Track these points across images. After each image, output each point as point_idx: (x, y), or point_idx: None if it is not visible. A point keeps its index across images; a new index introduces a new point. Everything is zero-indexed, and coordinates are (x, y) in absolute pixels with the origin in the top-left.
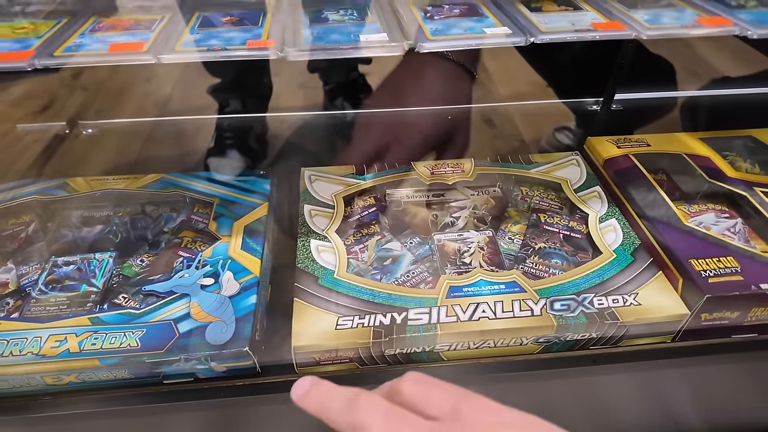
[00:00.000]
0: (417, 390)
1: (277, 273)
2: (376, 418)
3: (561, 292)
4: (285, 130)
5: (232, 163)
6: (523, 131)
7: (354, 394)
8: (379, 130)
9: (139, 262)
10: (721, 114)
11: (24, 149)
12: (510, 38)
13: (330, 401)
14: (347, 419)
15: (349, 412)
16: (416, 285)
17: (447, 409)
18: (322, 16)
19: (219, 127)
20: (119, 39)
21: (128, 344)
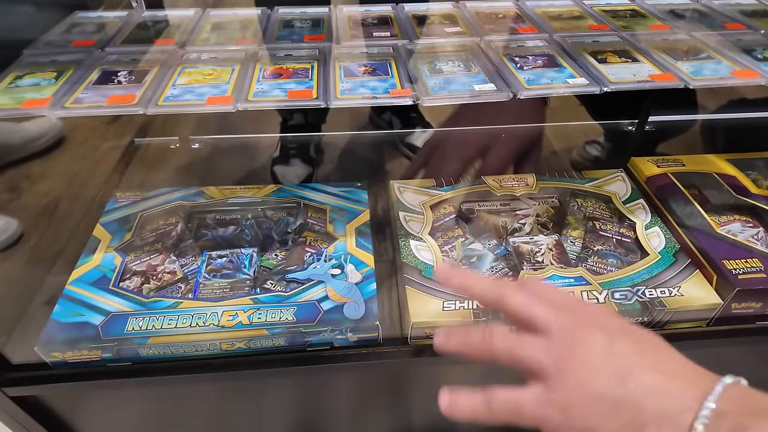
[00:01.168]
0: (541, 287)
1: (380, 265)
2: (518, 290)
3: (619, 285)
4: (339, 141)
5: (296, 171)
6: (555, 143)
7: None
8: (472, 144)
9: (274, 256)
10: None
11: (142, 159)
12: (588, 88)
13: (473, 283)
14: (493, 289)
15: (495, 286)
16: (500, 278)
17: (571, 303)
18: (437, 67)
19: (283, 138)
20: (291, 86)
21: (286, 318)
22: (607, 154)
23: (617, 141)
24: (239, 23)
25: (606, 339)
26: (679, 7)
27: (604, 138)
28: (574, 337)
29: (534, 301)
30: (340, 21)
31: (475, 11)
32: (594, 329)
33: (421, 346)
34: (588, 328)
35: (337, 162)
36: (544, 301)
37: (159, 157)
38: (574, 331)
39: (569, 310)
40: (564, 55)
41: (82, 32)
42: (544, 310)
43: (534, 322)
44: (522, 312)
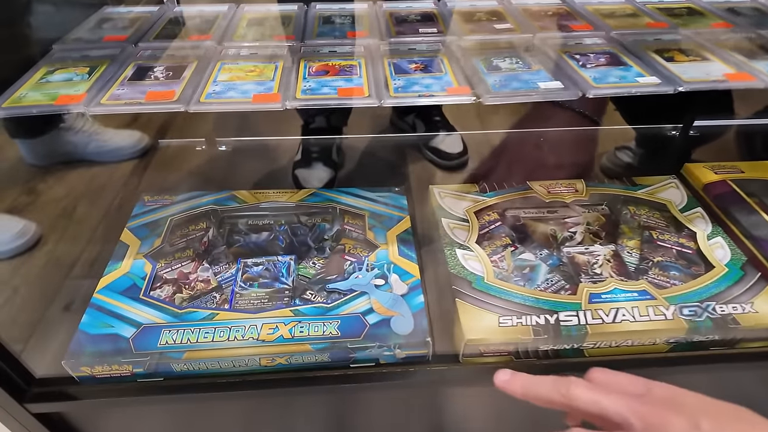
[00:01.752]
0: (607, 377)
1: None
2: (583, 386)
3: (686, 300)
4: (361, 144)
5: (318, 175)
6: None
7: (557, 378)
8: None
9: (312, 264)
10: None
11: (161, 161)
12: (660, 87)
13: (536, 383)
14: (559, 390)
15: (559, 385)
16: (557, 291)
17: (640, 387)
18: (493, 64)
19: (305, 141)
20: (341, 84)
21: (330, 332)
22: (638, 161)
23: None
24: (276, 19)
25: (689, 422)
26: (737, 5)
27: (636, 144)
28: (655, 425)
29: (604, 396)
30: (381, 17)
31: (522, 8)
32: (674, 413)
33: (473, 365)
34: (668, 412)
35: (360, 165)
36: (615, 394)
37: (178, 159)
38: (653, 418)
39: (642, 397)
40: (627, 53)
41: (113, 27)
42: (617, 403)
43: (610, 418)
44: (595, 409)
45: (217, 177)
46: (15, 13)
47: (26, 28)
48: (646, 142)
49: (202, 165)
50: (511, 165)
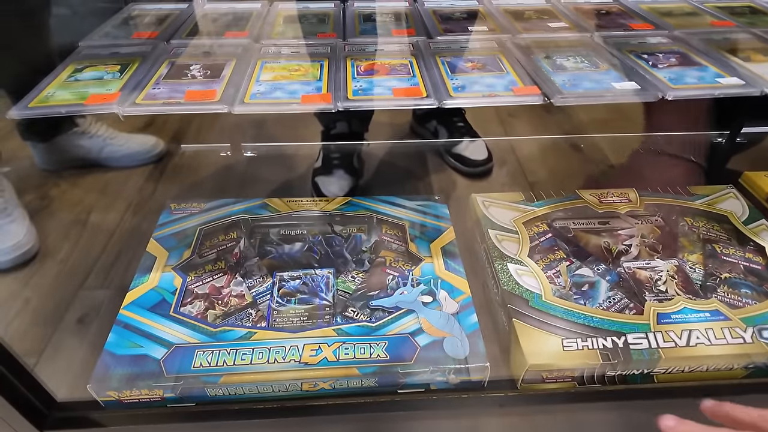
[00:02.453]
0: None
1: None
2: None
3: (765, 321)
4: (381, 151)
5: (339, 183)
6: (611, 157)
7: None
8: None
9: (351, 278)
10: None
11: (185, 167)
12: (744, 89)
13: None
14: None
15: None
16: (621, 310)
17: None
18: (557, 64)
19: (325, 147)
20: (394, 84)
21: (377, 355)
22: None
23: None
24: (313, 16)
25: None
26: None
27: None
28: None
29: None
30: (425, 15)
31: (573, 6)
32: None
33: (533, 392)
34: None
35: (380, 173)
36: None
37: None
38: None
39: None
40: (698, 53)
41: (141, 24)
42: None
43: None
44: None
45: (233, 184)
46: (38, 7)
47: (49, 24)
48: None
49: (218, 171)
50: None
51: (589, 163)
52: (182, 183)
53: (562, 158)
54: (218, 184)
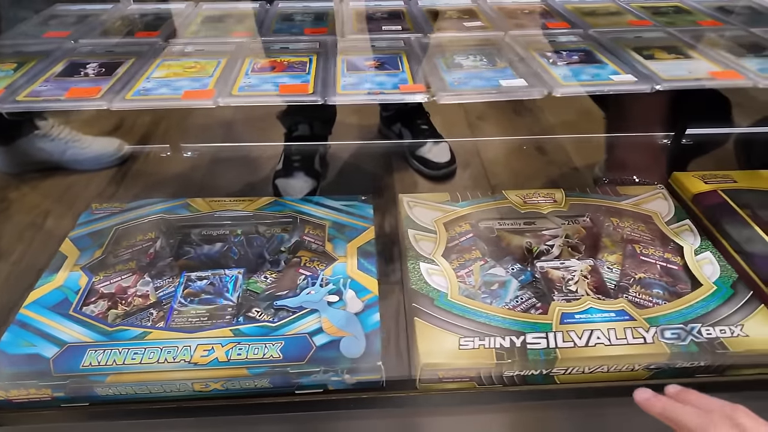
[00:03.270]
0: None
1: (385, 291)
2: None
3: (669, 322)
4: (345, 153)
5: (299, 185)
6: (575, 159)
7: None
8: None
9: (263, 279)
10: None
11: (159, 170)
12: (636, 86)
13: (677, 410)
14: (698, 421)
15: (701, 416)
16: (527, 310)
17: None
18: (455, 62)
19: (286, 149)
20: (283, 80)
21: (271, 355)
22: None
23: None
24: (234, 17)
25: None
26: (728, 3)
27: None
28: None
29: None
30: (346, 15)
31: (498, 6)
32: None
33: (432, 392)
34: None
35: (344, 175)
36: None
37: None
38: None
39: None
40: (604, 51)
41: (61, 24)
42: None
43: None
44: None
45: (195, 185)
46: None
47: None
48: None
49: (183, 173)
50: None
51: (553, 164)
52: (145, 185)
53: (526, 160)
54: (181, 185)
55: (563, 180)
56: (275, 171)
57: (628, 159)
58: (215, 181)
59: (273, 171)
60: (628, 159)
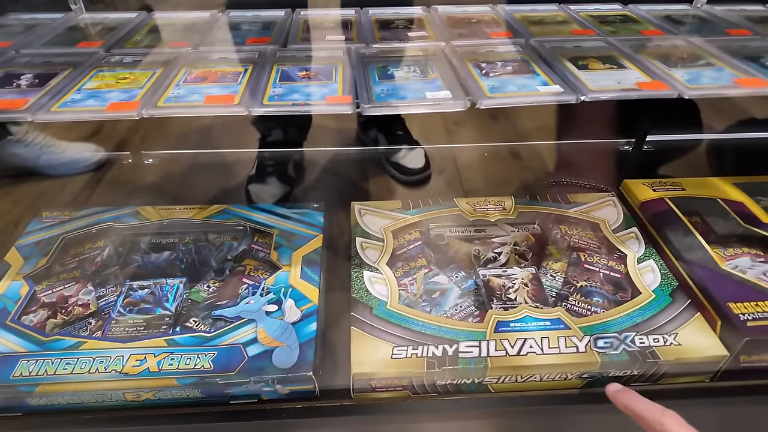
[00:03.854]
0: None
1: (329, 300)
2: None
3: (604, 330)
4: (322, 159)
5: (271, 191)
6: (549, 165)
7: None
8: None
9: (206, 288)
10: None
11: (133, 176)
12: (562, 96)
13: (638, 402)
14: (654, 415)
15: (656, 411)
16: (464, 318)
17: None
18: (388, 73)
19: (260, 155)
20: (212, 91)
21: (202, 365)
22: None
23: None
24: (183, 26)
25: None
26: (677, 13)
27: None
28: None
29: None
30: (295, 24)
31: (447, 16)
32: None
33: (368, 401)
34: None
35: (319, 181)
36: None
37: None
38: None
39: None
40: (539, 61)
41: (7, 33)
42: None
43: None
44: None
45: (170, 191)
46: None
47: None
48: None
49: (158, 179)
50: None
51: (527, 170)
52: (119, 191)
53: (501, 166)
54: (156, 191)
55: (537, 186)
56: (248, 176)
57: (576, 165)
58: (191, 186)
59: (247, 177)
60: (576, 165)
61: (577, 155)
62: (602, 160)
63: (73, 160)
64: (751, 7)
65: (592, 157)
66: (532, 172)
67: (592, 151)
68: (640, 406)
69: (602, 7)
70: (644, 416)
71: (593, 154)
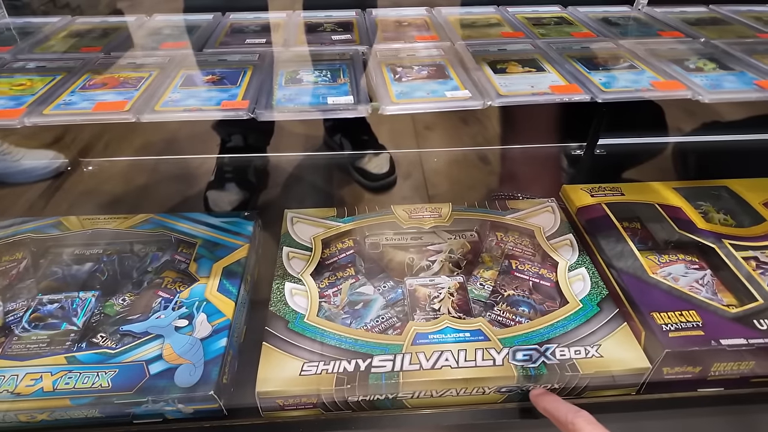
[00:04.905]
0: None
1: (253, 315)
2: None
3: (525, 342)
4: (286, 164)
5: (230, 197)
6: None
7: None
8: None
9: (121, 301)
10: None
11: (93, 183)
12: (468, 102)
13: (554, 403)
14: (567, 414)
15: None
16: (384, 331)
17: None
18: (297, 77)
19: (220, 161)
20: (105, 97)
21: (100, 384)
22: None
23: (578, 169)
24: (102, 30)
25: None
26: (615, 14)
27: (567, 165)
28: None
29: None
30: (220, 27)
31: (379, 19)
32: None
33: (277, 420)
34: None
35: (281, 188)
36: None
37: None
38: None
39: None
40: (457, 66)
41: None
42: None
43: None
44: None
45: (130, 198)
46: None
47: None
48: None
49: (118, 186)
50: None
51: (494, 175)
52: (76, 199)
53: (468, 170)
54: (115, 198)
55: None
56: (208, 182)
57: (521, 171)
58: (150, 194)
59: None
60: (521, 171)
61: (523, 161)
62: (549, 165)
63: (30, 168)
64: (692, 9)
65: (538, 163)
66: (498, 176)
67: (538, 157)
68: (556, 408)
69: (541, 9)
70: (558, 417)
71: (540, 159)
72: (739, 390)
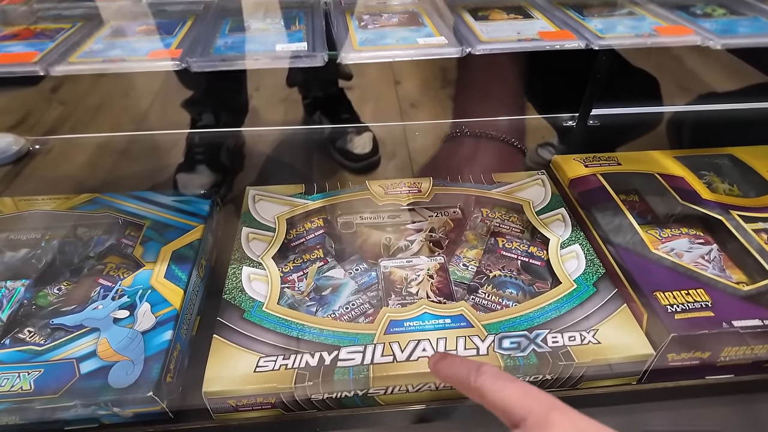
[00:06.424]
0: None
1: (209, 304)
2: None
3: (512, 328)
4: (262, 145)
5: (201, 180)
6: None
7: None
8: None
9: (56, 291)
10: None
11: (28, 164)
12: (444, 49)
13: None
14: (470, 379)
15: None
16: (354, 319)
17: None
18: (244, 25)
19: (190, 141)
20: (13, 49)
21: (20, 387)
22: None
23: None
24: None
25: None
26: None
27: (558, 139)
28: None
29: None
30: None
31: None
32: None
33: (231, 422)
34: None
35: (257, 169)
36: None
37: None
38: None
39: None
40: (433, 14)
41: None
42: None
43: (511, 408)
44: (498, 398)
45: (95, 181)
46: None
47: None
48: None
49: (85, 168)
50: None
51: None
52: (38, 183)
53: None
54: (80, 180)
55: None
56: (178, 164)
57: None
58: (119, 174)
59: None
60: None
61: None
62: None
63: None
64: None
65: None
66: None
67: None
68: (457, 373)
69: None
70: (461, 384)
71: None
72: (751, 376)
